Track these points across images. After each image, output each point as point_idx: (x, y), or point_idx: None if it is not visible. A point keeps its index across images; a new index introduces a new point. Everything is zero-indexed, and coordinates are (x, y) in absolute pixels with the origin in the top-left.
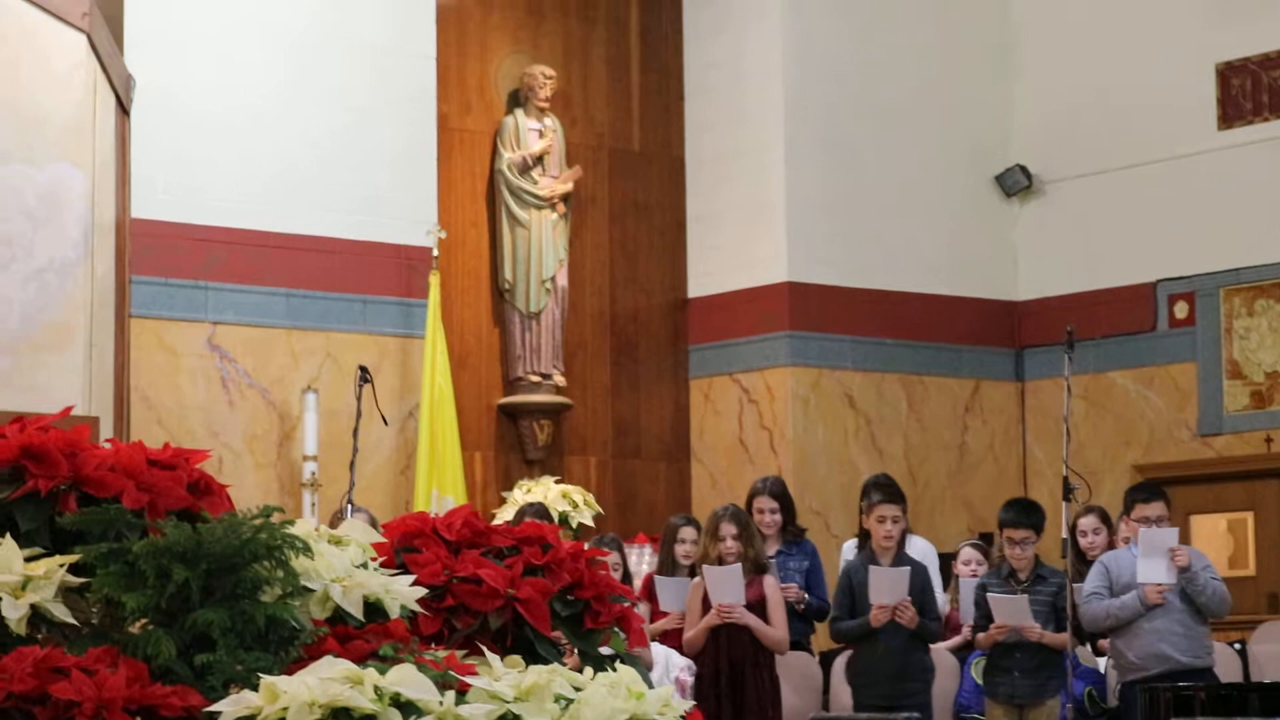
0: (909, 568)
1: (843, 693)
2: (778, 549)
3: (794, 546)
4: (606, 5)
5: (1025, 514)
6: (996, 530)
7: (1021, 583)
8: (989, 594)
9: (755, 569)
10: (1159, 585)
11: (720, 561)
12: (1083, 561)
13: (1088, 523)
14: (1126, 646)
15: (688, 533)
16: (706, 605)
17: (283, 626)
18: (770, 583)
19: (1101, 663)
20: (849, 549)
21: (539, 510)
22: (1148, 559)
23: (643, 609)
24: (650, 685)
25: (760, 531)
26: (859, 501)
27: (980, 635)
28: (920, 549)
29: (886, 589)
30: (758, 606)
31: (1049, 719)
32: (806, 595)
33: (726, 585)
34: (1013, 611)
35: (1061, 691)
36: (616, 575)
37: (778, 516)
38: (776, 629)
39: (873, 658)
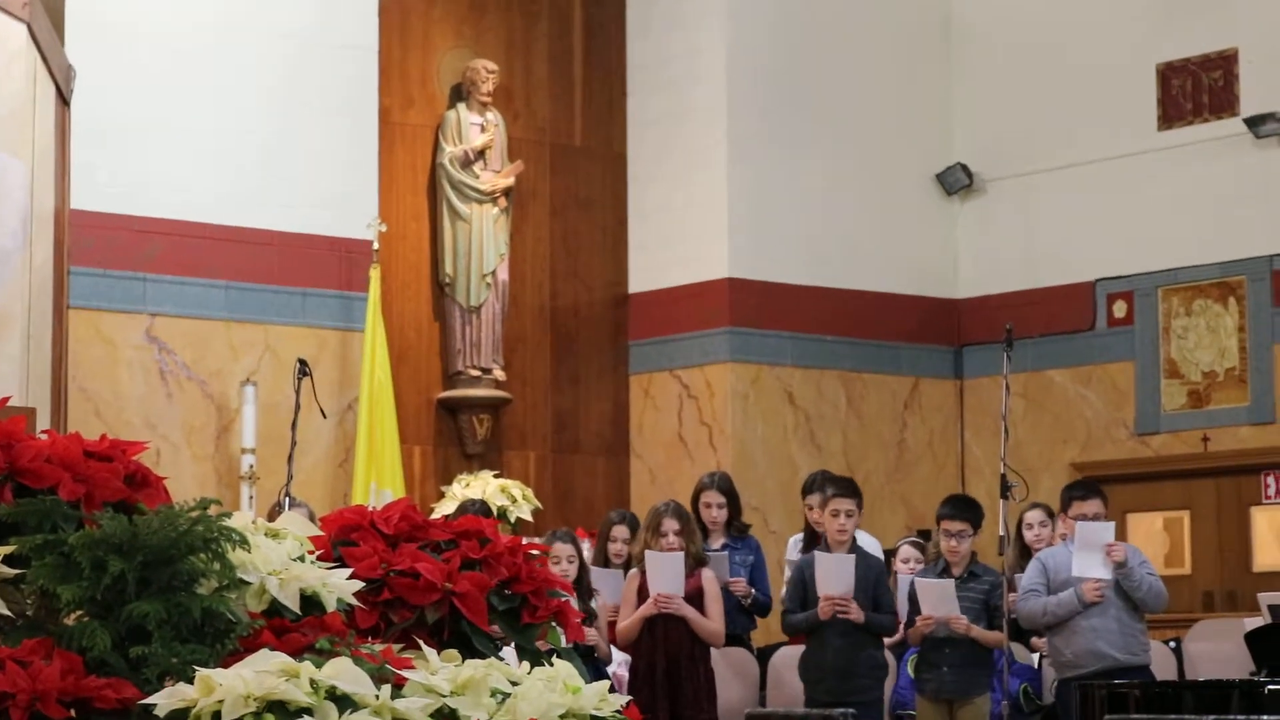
0: (854, 555)
1: (780, 688)
2: (723, 543)
3: (739, 541)
4: (550, 0)
5: (962, 508)
6: (934, 526)
7: (955, 579)
8: (916, 580)
9: (695, 562)
10: (1096, 583)
11: None
12: (1026, 556)
13: (1033, 516)
14: (1064, 644)
15: (619, 531)
16: (642, 598)
17: (219, 619)
18: (708, 575)
19: (1035, 659)
20: (794, 544)
21: (482, 508)
22: (1084, 554)
23: (595, 602)
24: (590, 678)
25: (706, 527)
26: (803, 497)
27: (910, 630)
28: (867, 545)
29: (834, 576)
30: (694, 599)
31: (977, 716)
32: (753, 590)
33: (667, 573)
34: (939, 598)
35: (993, 689)
36: (573, 568)
37: (724, 511)
38: (713, 621)
39: (822, 652)
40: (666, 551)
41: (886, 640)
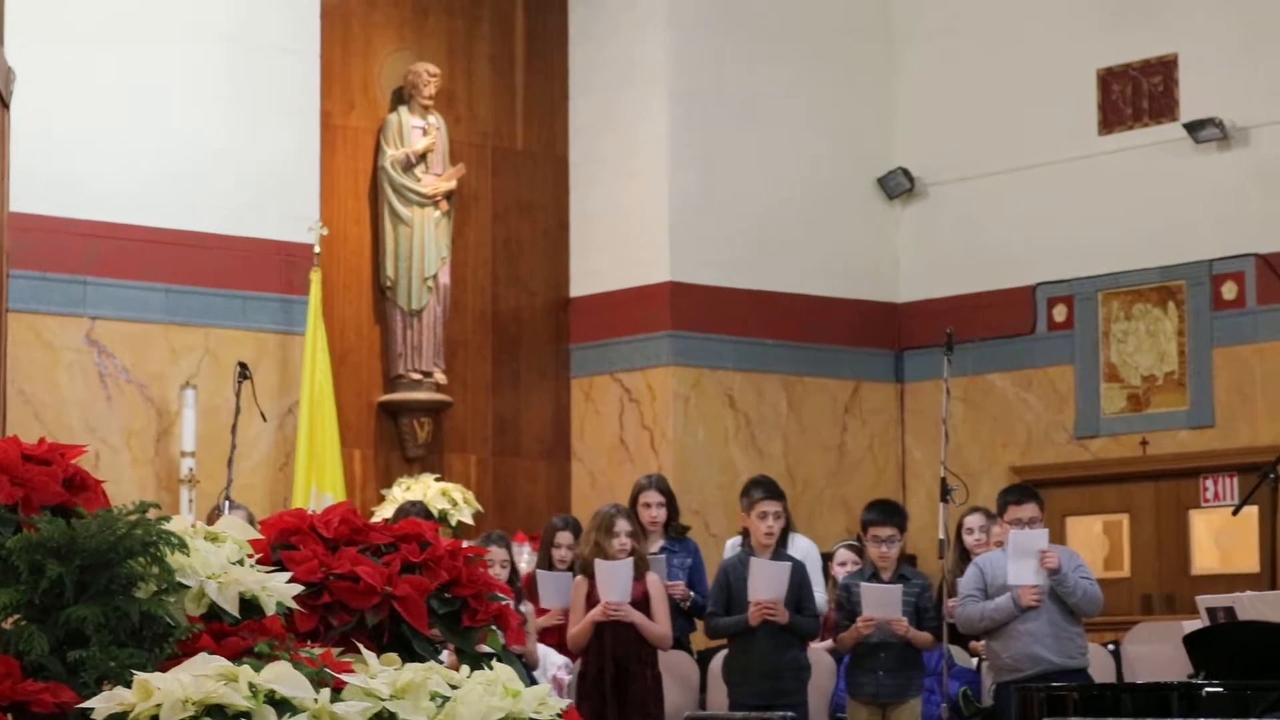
0: (789, 564)
1: (719, 691)
2: (661, 545)
3: (677, 544)
4: (492, 4)
5: (889, 513)
6: (861, 532)
7: (884, 584)
8: (861, 584)
9: (641, 566)
10: (1032, 588)
11: (611, 558)
12: (966, 560)
13: (974, 521)
14: (1001, 648)
15: (564, 537)
16: (590, 602)
17: (157, 623)
18: (653, 579)
19: (974, 662)
20: (732, 547)
21: (421, 510)
22: (1017, 561)
23: (525, 607)
24: (530, 683)
25: (645, 528)
26: (740, 501)
27: (843, 635)
28: (803, 548)
29: (767, 583)
30: (641, 603)
31: (911, 717)
32: (692, 593)
33: (616, 581)
34: (884, 602)
35: (922, 691)
36: (505, 572)
37: (664, 510)
38: (660, 625)
39: (748, 656)
40: (619, 551)
41: (827, 644)
